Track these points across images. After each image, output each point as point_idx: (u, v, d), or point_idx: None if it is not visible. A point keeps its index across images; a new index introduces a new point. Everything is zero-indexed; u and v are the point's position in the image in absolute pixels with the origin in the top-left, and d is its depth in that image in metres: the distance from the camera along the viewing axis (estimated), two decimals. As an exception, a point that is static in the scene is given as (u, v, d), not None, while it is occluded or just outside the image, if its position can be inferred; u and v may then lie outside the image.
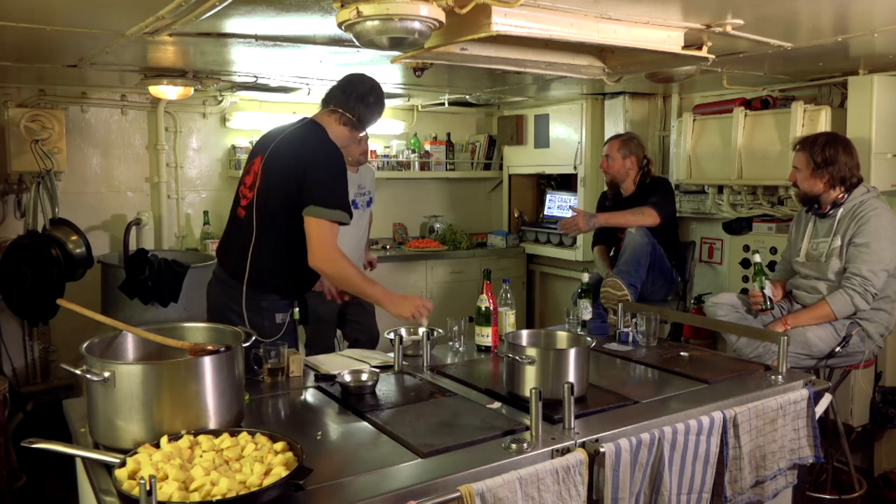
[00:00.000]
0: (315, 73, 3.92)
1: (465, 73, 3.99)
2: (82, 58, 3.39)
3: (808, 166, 3.14)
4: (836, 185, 3.12)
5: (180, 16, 2.40)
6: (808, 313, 3.10)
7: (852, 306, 3.02)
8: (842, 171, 3.09)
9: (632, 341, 2.82)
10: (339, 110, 2.60)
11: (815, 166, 3.11)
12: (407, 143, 5.72)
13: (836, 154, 3.09)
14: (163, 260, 3.96)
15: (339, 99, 2.61)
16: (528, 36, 2.33)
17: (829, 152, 3.09)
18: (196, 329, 2.07)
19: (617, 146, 4.05)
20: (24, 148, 4.19)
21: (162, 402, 1.69)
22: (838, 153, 3.09)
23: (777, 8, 2.46)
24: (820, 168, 3.10)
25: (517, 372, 2.11)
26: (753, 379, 2.39)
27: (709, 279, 4.72)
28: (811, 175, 3.13)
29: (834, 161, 3.08)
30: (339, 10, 2.05)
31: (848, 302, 3.01)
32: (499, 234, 5.78)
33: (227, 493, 1.40)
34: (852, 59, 3.44)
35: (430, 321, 2.60)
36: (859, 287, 2.99)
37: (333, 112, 2.61)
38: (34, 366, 4.60)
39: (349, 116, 2.60)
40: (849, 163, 3.10)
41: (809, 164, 3.13)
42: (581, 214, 3.90)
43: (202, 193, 5.06)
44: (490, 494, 1.59)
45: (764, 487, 2.20)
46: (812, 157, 3.12)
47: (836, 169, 3.08)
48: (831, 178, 3.10)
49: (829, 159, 3.08)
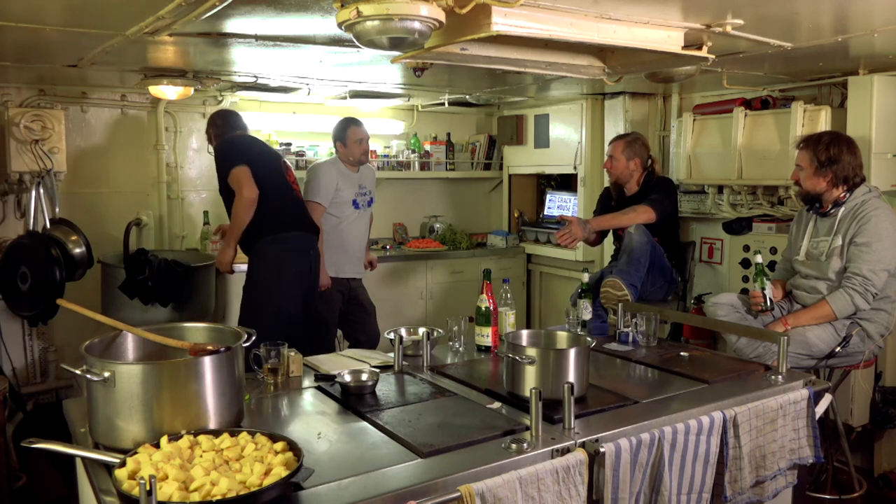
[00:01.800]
0: (315, 73, 3.91)
1: (465, 73, 3.99)
2: (82, 58, 3.38)
3: (811, 165, 3.13)
4: (838, 184, 3.11)
5: (180, 16, 2.40)
6: (809, 313, 3.10)
7: (853, 306, 3.01)
8: (845, 171, 3.09)
9: (632, 341, 2.82)
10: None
11: (818, 165, 3.10)
12: (407, 143, 5.72)
13: (840, 153, 3.08)
14: (163, 260, 3.96)
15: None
16: (528, 36, 2.33)
17: (832, 151, 3.08)
18: (196, 329, 2.07)
19: (621, 148, 4.03)
20: (24, 148, 4.19)
21: (162, 402, 1.69)
22: (842, 152, 3.09)
23: (777, 8, 2.46)
24: (823, 166, 3.09)
25: (517, 372, 2.11)
26: (753, 379, 2.39)
27: (709, 279, 4.72)
28: (814, 173, 3.13)
29: (837, 160, 3.07)
30: (339, 10, 2.05)
31: (848, 302, 3.01)
32: (499, 234, 5.78)
33: (227, 493, 1.40)
34: (852, 59, 3.44)
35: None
36: (860, 287, 2.99)
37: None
38: (34, 366, 4.60)
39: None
40: (852, 162, 3.10)
41: (813, 163, 3.12)
42: (575, 222, 3.83)
43: (202, 193, 5.06)
44: (490, 494, 1.59)
45: (764, 487, 2.20)
46: (816, 156, 3.11)
47: (839, 168, 3.08)
48: (834, 176, 3.09)
49: (832, 158, 3.08)
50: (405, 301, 5.20)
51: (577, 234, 3.81)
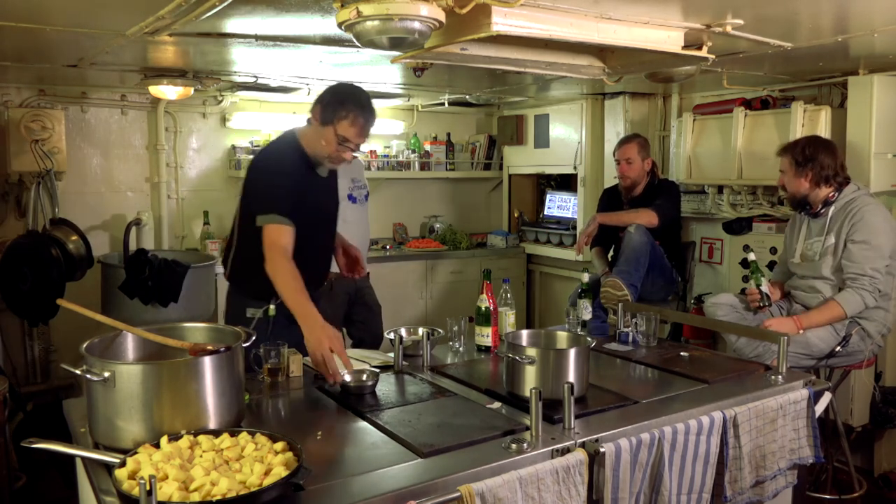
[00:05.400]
0: (315, 73, 3.91)
1: (465, 73, 3.98)
2: (82, 58, 3.39)
3: (791, 166, 3.22)
4: (820, 182, 3.18)
5: (180, 16, 2.40)
6: (820, 314, 3.09)
7: (863, 305, 3.04)
8: (824, 170, 3.16)
9: (632, 341, 2.82)
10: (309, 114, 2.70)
11: (797, 165, 3.20)
12: (407, 143, 5.72)
13: (816, 152, 3.17)
14: (163, 260, 3.96)
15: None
16: (528, 36, 2.33)
17: (808, 151, 3.19)
18: (196, 329, 2.07)
19: (636, 149, 4.03)
20: (24, 148, 4.19)
21: (162, 402, 1.69)
22: (818, 151, 3.18)
23: (777, 8, 2.46)
24: (801, 166, 3.18)
25: (517, 372, 2.11)
26: (753, 379, 2.39)
27: (709, 279, 4.72)
28: (795, 175, 3.21)
29: (814, 157, 3.16)
30: (339, 10, 2.05)
31: (859, 301, 3.03)
32: (499, 234, 5.78)
33: (227, 493, 1.40)
34: (852, 59, 3.44)
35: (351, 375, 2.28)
36: (869, 286, 3.02)
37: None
38: (34, 366, 4.60)
39: (308, 116, 2.68)
40: (830, 162, 3.17)
41: (792, 165, 3.22)
42: (592, 220, 4.01)
43: (202, 193, 5.06)
44: (490, 494, 1.59)
45: (764, 487, 2.20)
46: (794, 157, 3.21)
47: (817, 165, 3.16)
48: (814, 174, 3.17)
49: (809, 157, 3.17)
50: (405, 301, 5.20)
51: (590, 231, 3.96)
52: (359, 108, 2.59)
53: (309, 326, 2.31)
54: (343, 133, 2.57)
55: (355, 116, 2.57)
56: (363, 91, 2.68)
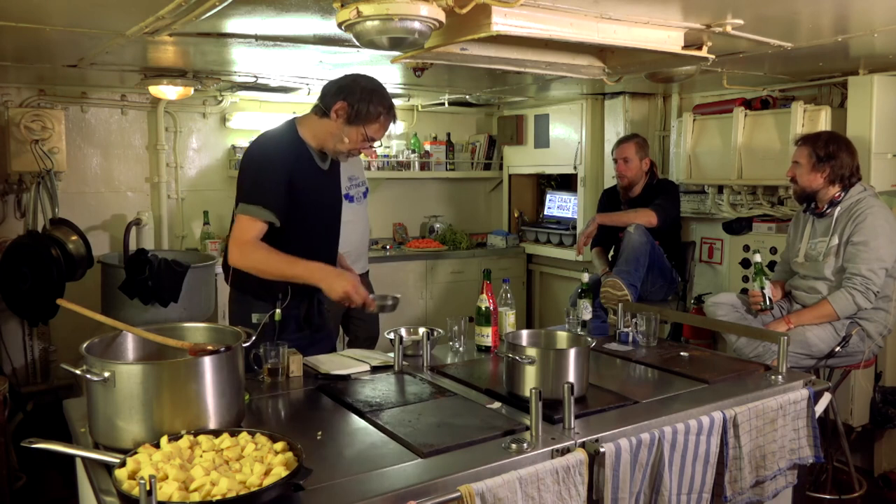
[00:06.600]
0: (315, 73, 3.91)
1: (465, 73, 3.98)
2: (82, 58, 3.39)
3: (809, 160, 3.17)
4: (835, 181, 3.15)
5: (180, 16, 2.40)
6: (811, 312, 3.11)
7: (854, 305, 3.02)
8: (842, 168, 3.13)
9: (632, 341, 2.82)
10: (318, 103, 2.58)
11: (816, 160, 3.14)
12: (407, 143, 5.72)
13: (839, 150, 3.13)
14: (163, 260, 3.95)
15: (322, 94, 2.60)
16: (528, 36, 2.33)
17: (832, 147, 3.14)
18: (196, 329, 2.06)
19: (634, 149, 4.04)
20: (24, 148, 4.19)
21: (162, 402, 1.69)
22: (840, 149, 3.14)
23: (777, 8, 2.46)
24: (822, 162, 3.13)
25: (517, 372, 2.11)
26: (753, 379, 2.39)
27: (709, 279, 4.72)
28: (812, 169, 3.16)
29: (836, 156, 3.12)
30: (339, 10, 2.05)
31: (850, 301, 3.02)
32: (499, 234, 5.78)
33: (227, 493, 1.40)
34: (852, 59, 3.44)
35: (387, 306, 2.55)
36: (861, 286, 3.00)
37: (316, 107, 2.58)
38: (34, 366, 4.60)
39: (319, 105, 2.55)
40: (849, 161, 3.14)
41: (811, 159, 3.16)
42: (592, 221, 4.04)
43: (202, 193, 5.06)
44: (490, 494, 1.59)
45: (764, 487, 2.20)
46: (815, 151, 3.16)
47: (837, 164, 3.12)
48: (831, 172, 3.13)
49: (831, 154, 3.13)
50: (405, 301, 5.19)
51: (590, 231, 3.98)
52: (387, 109, 2.52)
53: (320, 279, 2.40)
54: (373, 134, 2.52)
55: (385, 118, 2.52)
56: (382, 85, 2.57)
